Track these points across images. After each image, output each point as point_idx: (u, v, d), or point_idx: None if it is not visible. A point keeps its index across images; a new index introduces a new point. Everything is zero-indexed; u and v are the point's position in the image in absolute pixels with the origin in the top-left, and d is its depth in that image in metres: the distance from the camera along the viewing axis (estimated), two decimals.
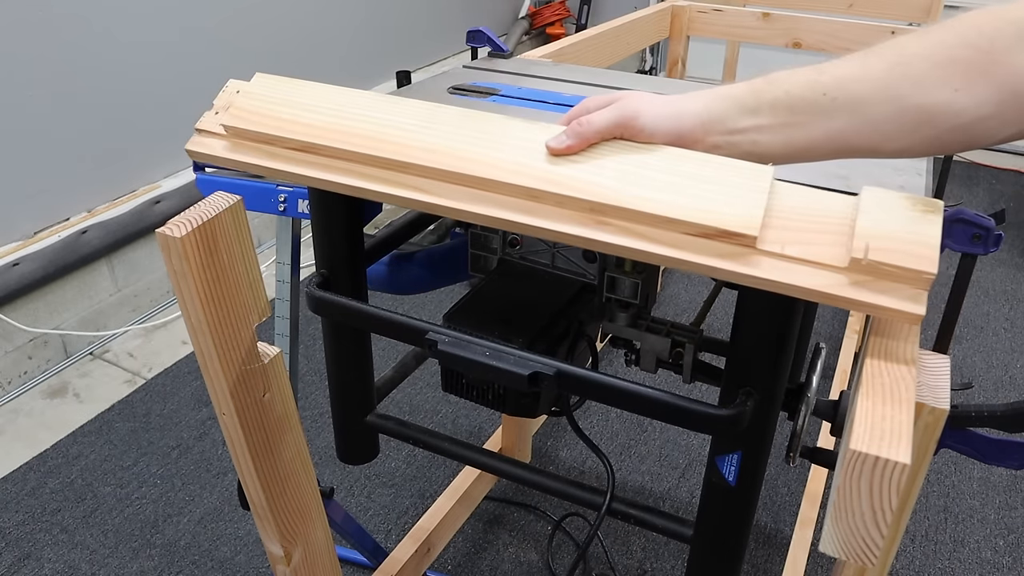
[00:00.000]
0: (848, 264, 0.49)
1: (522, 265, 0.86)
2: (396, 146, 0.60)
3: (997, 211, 0.62)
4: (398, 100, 0.64)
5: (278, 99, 0.65)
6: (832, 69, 0.54)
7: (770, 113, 0.55)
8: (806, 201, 0.53)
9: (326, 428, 1.67)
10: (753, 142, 0.55)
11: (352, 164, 0.62)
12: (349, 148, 0.61)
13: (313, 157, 0.63)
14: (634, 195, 0.54)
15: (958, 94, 0.49)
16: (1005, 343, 2.02)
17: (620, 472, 1.59)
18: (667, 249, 0.53)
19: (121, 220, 1.91)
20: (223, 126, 0.65)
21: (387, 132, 0.61)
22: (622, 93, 0.60)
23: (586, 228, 0.55)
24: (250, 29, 2.17)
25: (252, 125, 0.64)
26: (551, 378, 0.63)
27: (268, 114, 0.64)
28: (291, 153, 0.64)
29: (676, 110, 0.57)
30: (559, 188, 0.55)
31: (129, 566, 1.36)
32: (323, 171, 0.62)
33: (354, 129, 0.62)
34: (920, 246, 0.49)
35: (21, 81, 1.66)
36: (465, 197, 0.58)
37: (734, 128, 0.56)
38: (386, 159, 0.60)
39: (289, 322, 0.97)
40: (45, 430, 1.68)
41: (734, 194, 0.53)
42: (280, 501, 0.78)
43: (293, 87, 0.67)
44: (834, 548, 0.46)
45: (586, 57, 1.32)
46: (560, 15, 3.59)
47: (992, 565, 1.39)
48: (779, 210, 0.52)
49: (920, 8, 1.70)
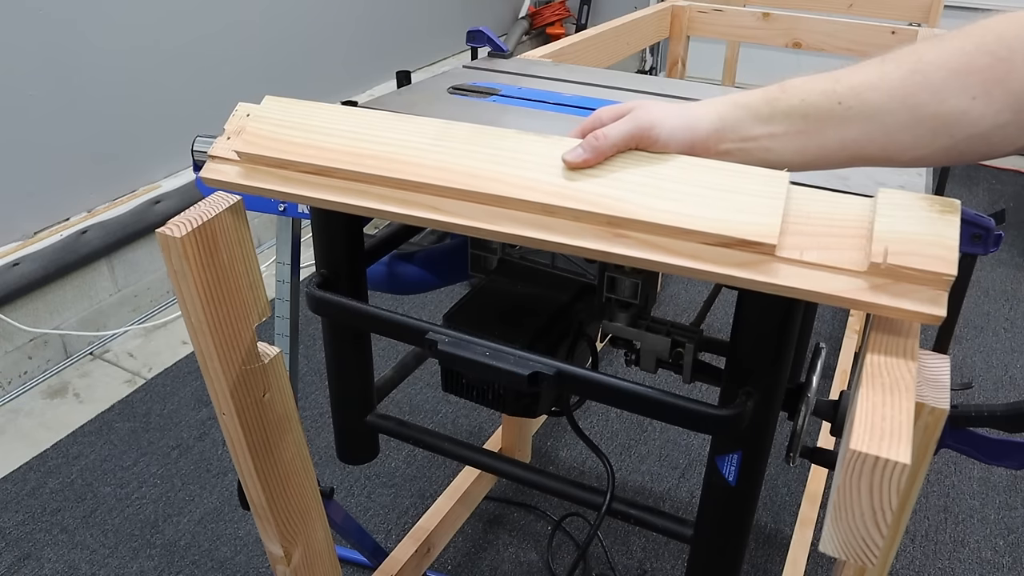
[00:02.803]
0: (867, 268, 0.49)
1: (522, 265, 0.86)
2: (410, 166, 0.60)
3: (997, 211, 0.62)
4: (409, 118, 0.64)
5: (289, 123, 0.65)
6: (848, 77, 0.53)
7: (784, 121, 0.54)
8: (823, 206, 0.53)
9: (326, 428, 1.67)
10: (766, 149, 0.55)
11: (367, 186, 0.62)
12: (363, 170, 0.61)
13: (328, 180, 0.63)
14: (651, 207, 0.54)
15: (976, 102, 0.49)
16: (1005, 343, 2.02)
17: (620, 472, 1.59)
18: (686, 260, 0.53)
19: (121, 220, 1.91)
20: (236, 152, 0.65)
21: (400, 152, 0.61)
22: (635, 103, 0.60)
23: (604, 242, 0.55)
24: (250, 30, 2.17)
25: (265, 151, 0.64)
26: (551, 378, 0.63)
27: (280, 138, 0.64)
28: (306, 177, 0.63)
29: (691, 120, 0.57)
30: (575, 203, 0.55)
31: (129, 566, 1.36)
32: (338, 194, 0.62)
33: (367, 151, 0.62)
34: (938, 247, 0.48)
35: (21, 81, 1.66)
36: (481, 215, 0.58)
37: (747, 136, 0.56)
38: (400, 180, 0.60)
39: (289, 322, 0.98)
40: (45, 430, 1.68)
41: (751, 202, 0.52)
42: (280, 501, 0.78)
43: (304, 109, 0.67)
44: (834, 548, 0.46)
45: (586, 57, 1.32)
46: (560, 15, 3.59)
47: (992, 565, 1.39)
48: (796, 216, 0.52)
49: (920, 8, 1.70)
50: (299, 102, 0.67)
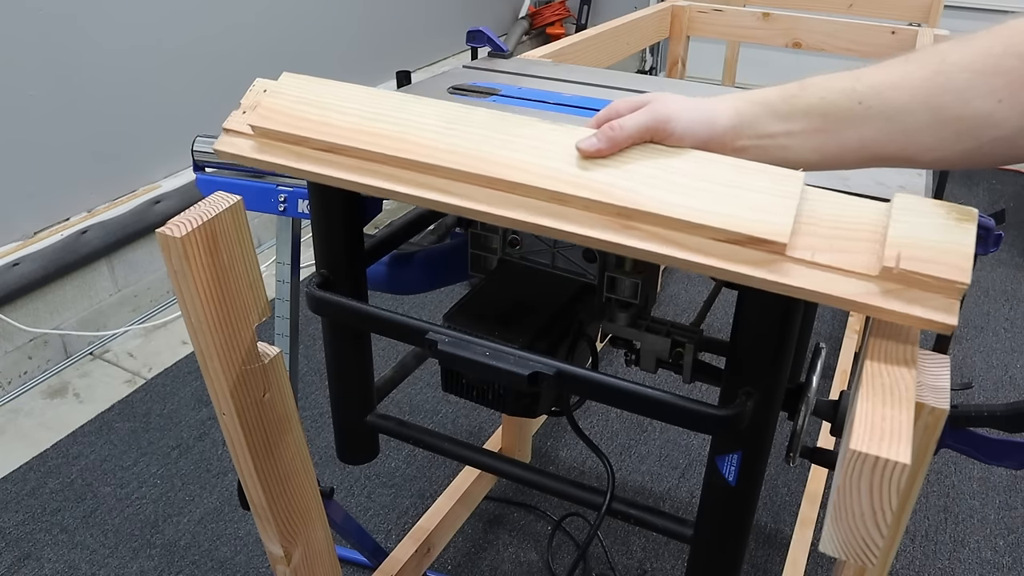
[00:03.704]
0: (879, 273, 0.49)
1: (522, 265, 0.86)
2: (422, 148, 0.60)
3: (997, 211, 0.62)
4: (427, 101, 0.64)
5: (305, 99, 0.65)
6: (869, 76, 0.52)
7: (803, 119, 0.54)
8: (837, 208, 0.52)
9: (326, 428, 1.68)
10: (784, 147, 0.55)
11: (378, 165, 0.62)
12: (375, 150, 0.61)
13: (339, 158, 0.63)
14: (662, 200, 0.53)
15: (1002, 105, 0.48)
16: (1005, 343, 2.02)
17: (620, 472, 1.59)
18: (695, 255, 0.53)
19: (121, 220, 1.91)
20: (251, 126, 0.65)
21: (414, 134, 0.61)
22: (652, 96, 0.59)
23: (613, 232, 0.55)
24: (250, 30, 2.17)
25: (279, 125, 0.64)
26: (551, 378, 0.63)
27: (295, 114, 0.64)
28: (318, 154, 0.64)
29: (708, 115, 0.57)
30: (586, 192, 0.55)
31: (129, 566, 1.36)
32: (349, 172, 0.62)
33: (381, 131, 0.62)
34: (953, 255, 0.48)
35: (21, 81, 1.66)
36: (490, 200, 0.58)
37: (764, 133, 0.55)
38: (412, 160, 0.60)
39: (289, 322, 0.98)
40: (45, 430, 1.68)
41: (764, 201, 0.52)
42: (280, 501, 0.78)
43: (320, 87, 0.67)
44: (834, 548, 0.46)
45: (586, 57, 1.32)
46: (560, 15, 3.59)
47: (992, 565, 1.39)
48: (809, 216, 0.52)
49: (920, 8, 1.70)
50: (317, 80, 0.68)
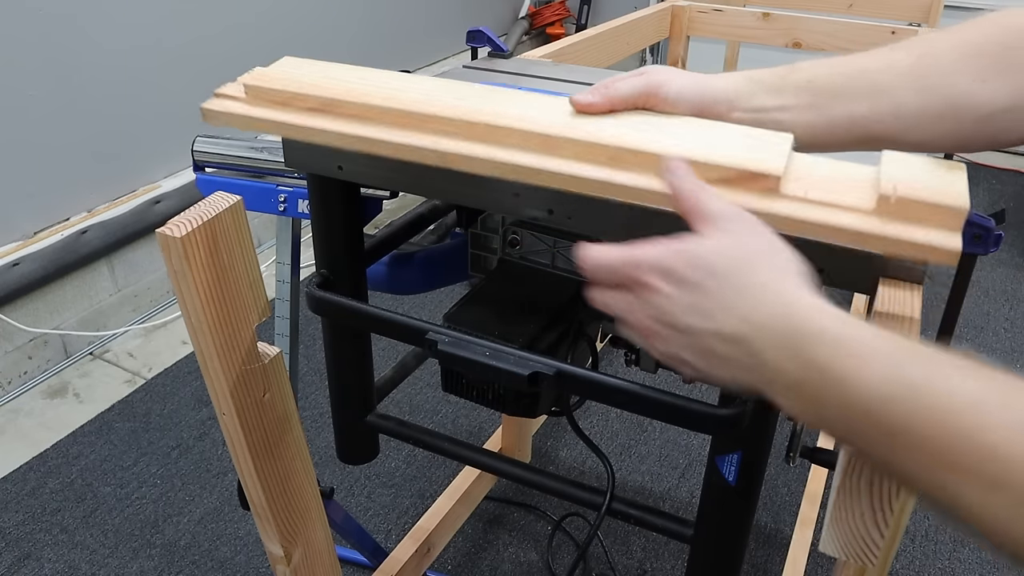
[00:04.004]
0: (875, 206, 0.48)
1: (522, 265, 0.86)
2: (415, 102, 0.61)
3: (997, 211, 0.62)
4: (423, 78, 0.66)
5: (301, 70, 0.67)
6: (859, 59, 0.55)
7: (794, 94, 0.56)
8: (828, 165, 0.53)
9: (326, 428, 1.67)
10: (776, 122, 0.57)
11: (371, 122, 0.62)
12: (369, 102, 0.62)
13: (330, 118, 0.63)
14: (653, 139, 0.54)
15: (985, 85, 0.50)
16: (1005, 343, 2.02)
17: (620, 472, 1.59)
18: None
19: (121, 220, 1.91)
20: (244, 85, 0.65)
21: (406, 95, 0.62)
22: (648, 67, 0.61)
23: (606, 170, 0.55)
24: (250, 30, 2.17)
25: (272, 84, 0.64)
26: (551, 378, 0.63)
27: (290, 78, 0.65)
28: (309, 114, 0.64)
29: (702, 83, 0.59)
30: (578, 134, 0.56)
31: (129, 566, 1.36)
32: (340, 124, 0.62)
33: (374, 92, 0.63)
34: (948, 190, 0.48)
35: (21, 81, 1.66)
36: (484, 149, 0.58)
37: (759, 106, 0.57)
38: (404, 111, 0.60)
39: (289, 322, 0.98)
40: (45, 430, 1.68)
41: (756, 144, 0.53)
42: (280, 501, 0.78)
43: (320, 65, 0.68)
44: (834, 548, 0.46)
45: (586, 57, 1.32)
46: (560, 15, 3.59)
47: (992, 565, 1.39)
48: (801, 167, 0.53)
49: (920, 8, 1.70)
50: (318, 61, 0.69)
